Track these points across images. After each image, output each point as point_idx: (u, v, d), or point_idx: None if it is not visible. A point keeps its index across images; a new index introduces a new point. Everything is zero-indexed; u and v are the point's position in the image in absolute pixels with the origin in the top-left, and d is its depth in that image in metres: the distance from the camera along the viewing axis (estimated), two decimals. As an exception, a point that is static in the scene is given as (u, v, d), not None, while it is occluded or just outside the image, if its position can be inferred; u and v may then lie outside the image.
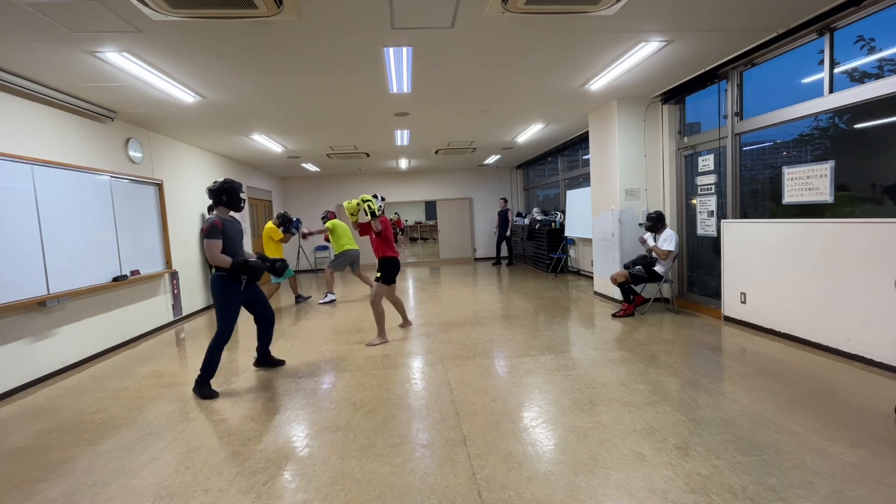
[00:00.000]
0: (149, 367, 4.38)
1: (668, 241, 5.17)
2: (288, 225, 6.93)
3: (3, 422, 3.27)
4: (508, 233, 11.15)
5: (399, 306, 5.23)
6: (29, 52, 3.50)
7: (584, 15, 3.31)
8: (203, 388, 3.50)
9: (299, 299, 7.59)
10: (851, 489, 2.01)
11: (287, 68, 4.13)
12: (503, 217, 11.13)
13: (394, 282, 4.80)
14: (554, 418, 2.84)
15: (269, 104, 5.25)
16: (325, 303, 7.30)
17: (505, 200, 11.36)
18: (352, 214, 4.82)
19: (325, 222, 7.54)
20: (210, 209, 6.92)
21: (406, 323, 5.32)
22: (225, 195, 3.60)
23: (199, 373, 3.53)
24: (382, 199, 4.84)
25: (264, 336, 4.04)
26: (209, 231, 3.44)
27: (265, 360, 4.11)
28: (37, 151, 4.19)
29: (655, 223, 5.28)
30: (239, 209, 3.69)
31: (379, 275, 4.70)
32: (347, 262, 7.37)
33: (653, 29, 3.69)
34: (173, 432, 2.91)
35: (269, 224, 6.85)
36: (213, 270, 3.61)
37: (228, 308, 3.58)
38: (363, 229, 4.86)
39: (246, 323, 6.20)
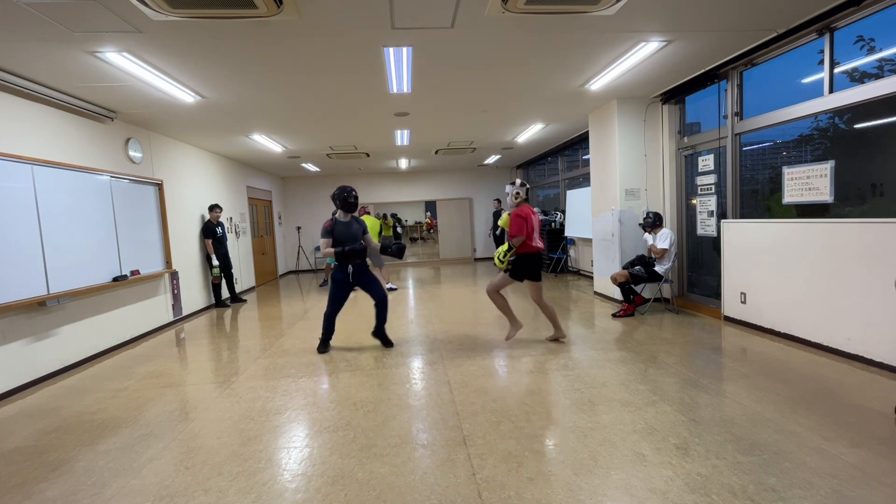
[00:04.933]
0: (149, 367, 4.38)
1: (661, 239, 5.23)
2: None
3: (3, 422, 3.27)
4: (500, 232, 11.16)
5: (548, 313, 4.39)
6: (29, 52, 3.50)
7: (584, 15, 3.31)
8: (320, 346, 4.56)
9: (324, 283, 9.17)
10: (851, 489, 2.01)
11: (287, 68, 4.13)
12: (498, 217, 11.15)
13: (521, 278, 4.24)
14: (554, 418, 2.84)
15: (269, 104, 5.25)
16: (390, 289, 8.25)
17: (499, 201, 11.37)
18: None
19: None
20: (210, 209, 7.35)
21: (558, 334, 4.45)
22: (338, 201, 4.31)
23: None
24: (522, 184, 4.27)
25: (378, 314, 4.55)
26: (321, 232, 4.33)
27: (379, 335, 4.62)
28: (37, 151, 4.19)
29: (654, 221, 5.32)
30: (350, 210, 4.34)
31: (509, 269, 4.28)
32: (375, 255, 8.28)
33: (653, 29, 3.69)
34: (173, 432, 2.91)
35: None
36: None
37: (334, 291, 4.44)
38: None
39: (247, 323, 6.21)
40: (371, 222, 8.27)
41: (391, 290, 8.28)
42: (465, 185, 12.88)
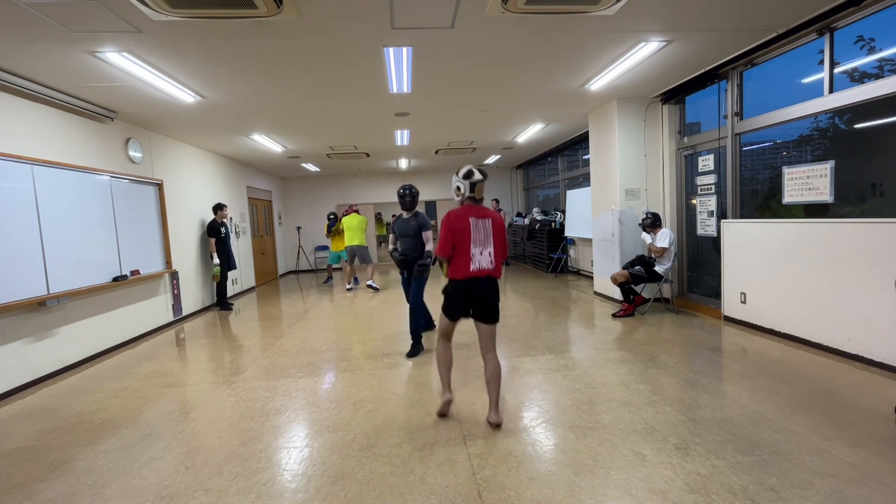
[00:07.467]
0: (149, 367, 4.38)
1: (661, 239, 5.25)
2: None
3: (3, 422, 3.27)
4: None
5: (443, 366, 2.95)
6: (29, 52, 3.50)
7: (584, 15, 3.31)
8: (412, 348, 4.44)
9: (328, 281, 9.99)
10: (851, 489, 2.01)
11: (287, 68, 4.12)
12: None
13: (453, 316, 2.81)
14: (554, 418, 2.84)
15: (268, 104, 5.24)
16: (350, 288, 8.66)
17: (497, 201, 11.38)
18: None
19: (335, 221, 9.07)
20: (216, 208, 7.25)
21: (442, 408, 2.93)
22: (399, 199, 4.42)
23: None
24: (468, 174, 2.79)
25: (410, 317, 4.58)
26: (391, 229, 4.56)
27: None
28: (37, 151, 4.19)
29: (653, 221, 5.34)
30: (405, 209, 4.44)
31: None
32: (351, 257, 8.59)
33: (653, 29, 3.68)
34: (173, 432, 2.91)
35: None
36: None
37: (404, 288, 4.74)
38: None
39: (247, 323, 6.21)
40: (358, 220, 8.48)
41: (372, 288, 8.38)
42: (465, 185, 12.84)
